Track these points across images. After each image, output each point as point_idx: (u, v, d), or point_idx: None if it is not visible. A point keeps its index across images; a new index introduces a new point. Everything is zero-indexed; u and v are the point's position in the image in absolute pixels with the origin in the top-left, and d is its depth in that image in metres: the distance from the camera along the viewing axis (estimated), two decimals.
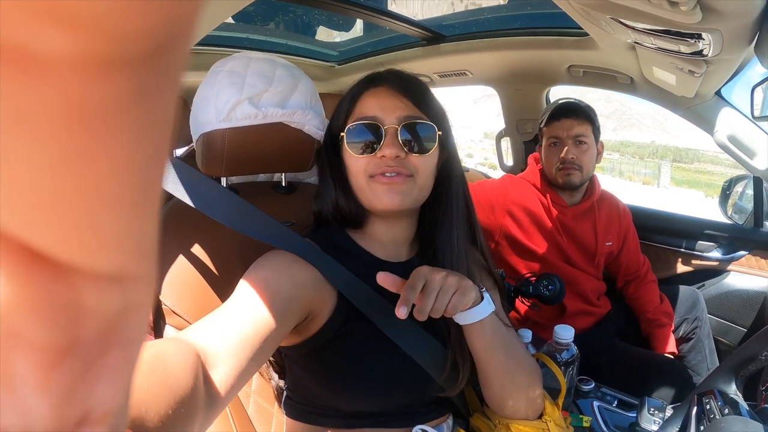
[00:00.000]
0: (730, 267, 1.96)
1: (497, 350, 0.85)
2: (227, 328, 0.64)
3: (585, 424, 1.12)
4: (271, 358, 0.95)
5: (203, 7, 0.13)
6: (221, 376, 0.58)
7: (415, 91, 0.90)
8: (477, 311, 0.81)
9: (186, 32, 0.13)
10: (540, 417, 0.92)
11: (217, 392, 0.56)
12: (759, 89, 1.14)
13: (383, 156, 0.84)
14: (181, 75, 0.13)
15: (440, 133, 0.88)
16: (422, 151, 0.87)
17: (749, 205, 1.95)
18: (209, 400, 0.55)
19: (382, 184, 0.85)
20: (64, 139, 0.11)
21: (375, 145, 0.85)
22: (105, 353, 0.14)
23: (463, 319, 0.82)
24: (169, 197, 0.88)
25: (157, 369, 0.47)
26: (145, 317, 0.15)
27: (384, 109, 0.87)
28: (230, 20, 2.03)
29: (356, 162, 0.87)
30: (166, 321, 0.90)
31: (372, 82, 0.90)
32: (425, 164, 0.88)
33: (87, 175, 0.12)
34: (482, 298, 0.82)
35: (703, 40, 1.02)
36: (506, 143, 2.63)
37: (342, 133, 0.89)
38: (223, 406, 0.58)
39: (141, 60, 0.12)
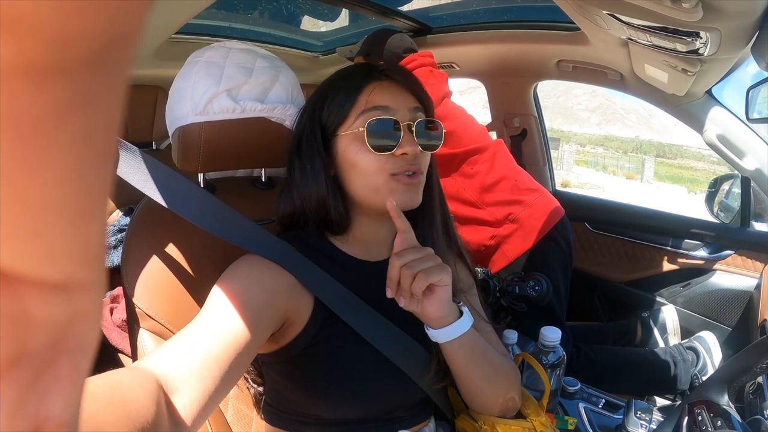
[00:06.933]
0: (716, 266, 1.96)
1: (475, 364, 0.84)
2: (191, 349, 0.60)
3: (570, 427, 1.10)
4: (249, 368, 0.92)
5: (150, 6, 0.13)
6: (185, 401, 0.55)
7: (416, 85, 0.87)
8: (453, 329, 0.79)
9: (131, 34, 0.12)
10: (524, 417, 0.92)
11: (181, 417, 0.54)
12: (754, 91, 1.13)
13: (404, 153, 0.81)
14: (125, 80, 0.13)
15: (446, 130, 0.87)
16: (433, 148, 0.85)
17: (735, 204, 1.95)
18: (174, 427, 0.52)
19: (403, 184, 0.82)
20: (1, 150, 0.11)
21: (394, 142, 0.81)
22: (54, 362, 0.14)
23: (440, 337, 0.80)
24: (142, 195, 0.84)
25: (113, 397, 0.44)
26: (96, 325, 0.15)
27: (396, 101, 0.83)
28: (211, 8, 1.98)
29: (372, 159, 0.81)
30: (140, 325, 0.87)
31: (371, 74, 0.86)
32: (428, 161, 0.87)
33: (28, 185, 0.11)
34: (460, 314, 0.80)
35: (701, 38, 1.00)
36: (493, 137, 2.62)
37: (345, 128, 0.83)
38: (193, 430, 0.55)
39: (80, 66, 0.11)
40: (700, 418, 0.77)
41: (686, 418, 0.79)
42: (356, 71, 0.87)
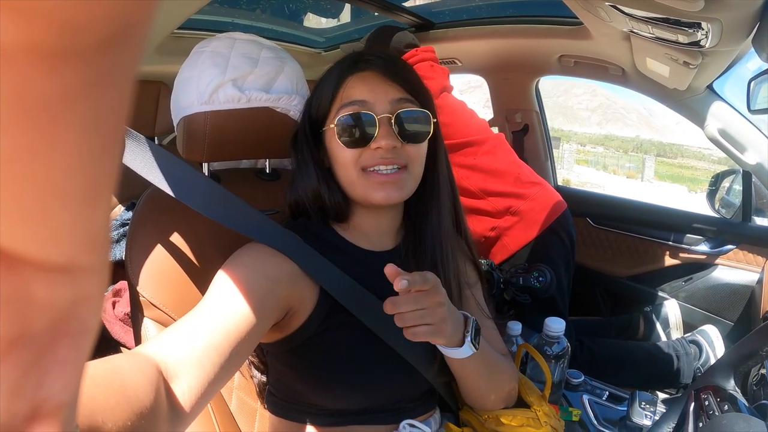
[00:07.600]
0: (717, 261, 1.96)
1: (477, 375, 0.84)
2: (192, 336, 0.60)
3: (575, 418, 1.10)
4: (253, 356, 0.92)
5: None
6: (184, 387, 0.55)
7: (404, 74, 0.85)
8: (455, 352, 0.77)
9: (142, 22, 0.12)
10: (528, 406, 0.92)
11: (180, 404, 0.54)
12: (755, 82, 1.13)
13: (378, 147, 0.80)
14: (135, 67, 0.13)
15: (435, 120, 0.85)
16: (417, 140, 0.83)
17: (737, 200, 1.95)
18: (173, 413, 0.52)
19: (377, 182, 0.80)
20: (11, 133, 0.11)
21: (368, 136, 0.80)
22: (56, 345, 0.14)
23: (442, 349, 0.79)
24: (148, 184, 0.84)
25: (113, 381, 0.45)
26: (98, 308, 0.15)
27: (374, 93, 0.81)
28: (214, 3, 1.98)
29: (346, 154, 0.81)
30: (145, 314, 0.86)
31: (356, 65, 0.84)
32: (419, 153, 0.84)
33: (36, 168, 0.11)
34: (463, 343, 0.77)
35: (702, 29, 1.01)
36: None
37: (328, 123, 0.84)
38: (192, 417, 0.55)
39: (92, 51, 0.11)
40: (706, 403, 0.76)
41: (693, 404, 0.79)
42: (340, 64, 0.86)
